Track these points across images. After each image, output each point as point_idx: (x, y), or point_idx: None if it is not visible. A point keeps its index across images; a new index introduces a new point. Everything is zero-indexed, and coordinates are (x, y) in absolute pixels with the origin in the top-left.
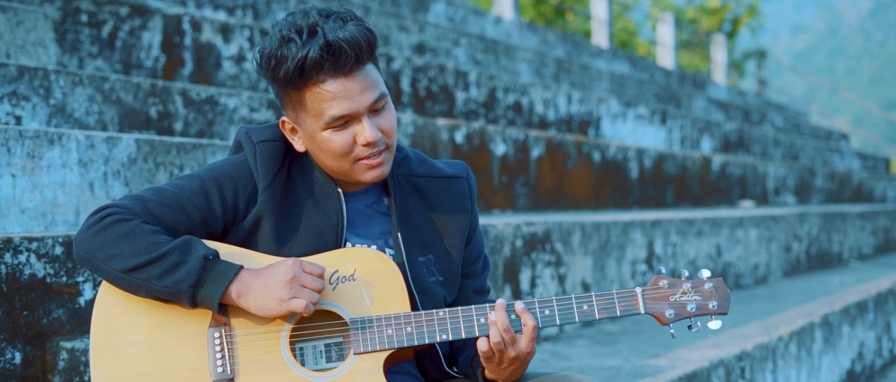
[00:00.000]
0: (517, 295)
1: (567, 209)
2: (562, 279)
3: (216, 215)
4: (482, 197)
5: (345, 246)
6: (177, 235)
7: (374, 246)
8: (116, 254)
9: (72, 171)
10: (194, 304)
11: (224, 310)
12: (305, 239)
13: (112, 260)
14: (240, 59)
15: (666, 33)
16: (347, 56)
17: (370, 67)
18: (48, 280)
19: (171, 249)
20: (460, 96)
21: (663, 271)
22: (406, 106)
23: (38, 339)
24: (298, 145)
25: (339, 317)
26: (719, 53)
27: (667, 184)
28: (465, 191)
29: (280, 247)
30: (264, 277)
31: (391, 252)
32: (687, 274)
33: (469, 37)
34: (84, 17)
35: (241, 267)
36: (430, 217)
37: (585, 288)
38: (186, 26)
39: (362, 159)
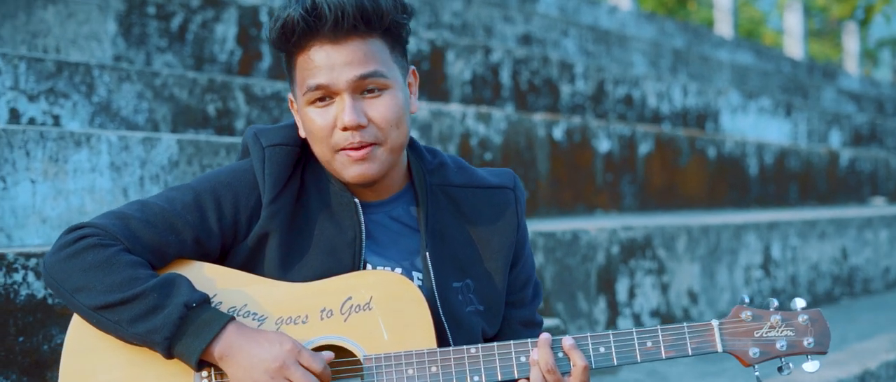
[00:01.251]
0: (613, 307)
1: (678, 209)
2: (664, 288)
3: (212, 234)
4: (583, 197)
5: (364, 267)
6: (165, 260)
7: (398, 269)
8: (86, 287)
9: (102, 176)
10: (170, 356)
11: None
12: (316, 259)
13: (80, 292)
14: None
15: (794, 22)
16: (326, 19)
17: (373, 42)
18: (50, 301)
19: (149, 289)
20: (565, 90)
21: (746, 300)
22: (506, 100)
23: (36, 368)
24: (301, 129)
25: (351, 354)
26: (851, 42)
27: (789, 181)
28: (510, 204)
29: (286, 270)
30: (253, 345)
31: (420, 275)
32: (776, 303)
33: (579, 27)
34: (151, 9)
35: (230, 320)
36: (469, 234)
37: (692, 297)
38: (264, 18)
39: (344, 149)
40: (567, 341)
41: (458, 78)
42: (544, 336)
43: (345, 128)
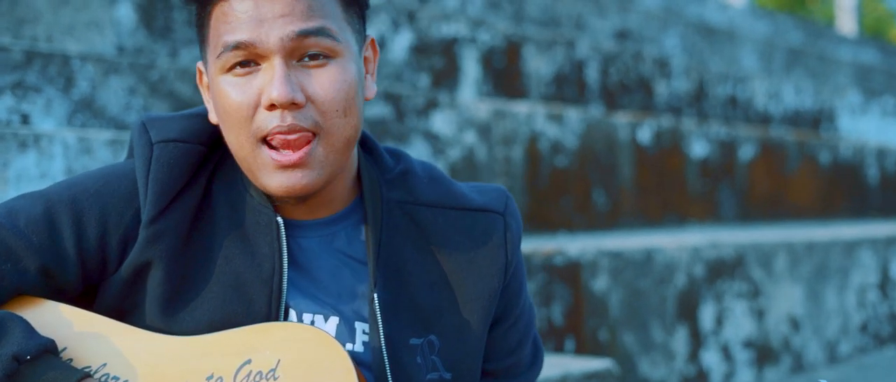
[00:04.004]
0: (696, 337)
1: (784, 220)
2: (760, 314)
3: (68, 262)
4: (673, 207)
5: (285, 313)
6: None
7: (334, 318)
8: None
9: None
10: None
11: None
12: (215, 299)
13: None
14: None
15: None
16: None
17: None
18: None
19: None
20: (660, 88)
21: None
22: (591, 99)
23: None
24: (211, 112)
25: None
26: None
27: None
28: (497, 234)
29: (170, 314)
30: None
31: (365, 326)
32: None
33: (684, 22)
34: None
35: (84, 377)
36: (439, 272)
37: (794, 324)
38: None
39: (268, 140)
40: None
41: (536, 75)
42: None
43: (272, 107)
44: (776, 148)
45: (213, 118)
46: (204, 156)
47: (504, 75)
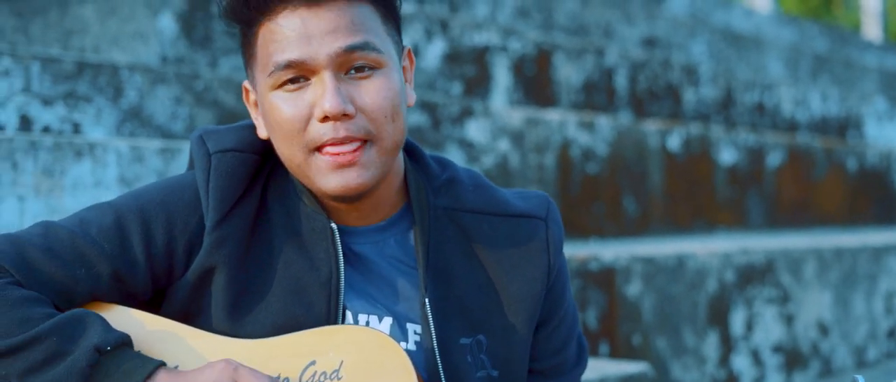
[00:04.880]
0: (726, 342)
1: (812, 227)
2: (790, 319)
3: (137, 268)
4: (702, 214)
5: (342, 315)
6: (72, 301)
7: (388, 319)
8: None
9: (109, 191)
10: None
11: None
12: (278, 303)
13: None
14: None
15: None
16: None
17: (361, 7)
18: None
19: (46, 332)
20: (688, 96)
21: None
22: (620, 107)
23: None
24: (260, 127)
25: None
26: None
27: None
28: (539, 239)
29: (236, 318)
30: None
31: (417, 328)
32: None
33: (710, 30)
34: (217, 8)
35: (160, 366)
36: (485, 275)
37: (823, 330)
38: None
39: (322, 148)
40: None
41: (566, 83)
42: None
43: (325, 119)
44: (803, 155)
45: (262, 134)
46: (258, 165)
47: (534, 83)
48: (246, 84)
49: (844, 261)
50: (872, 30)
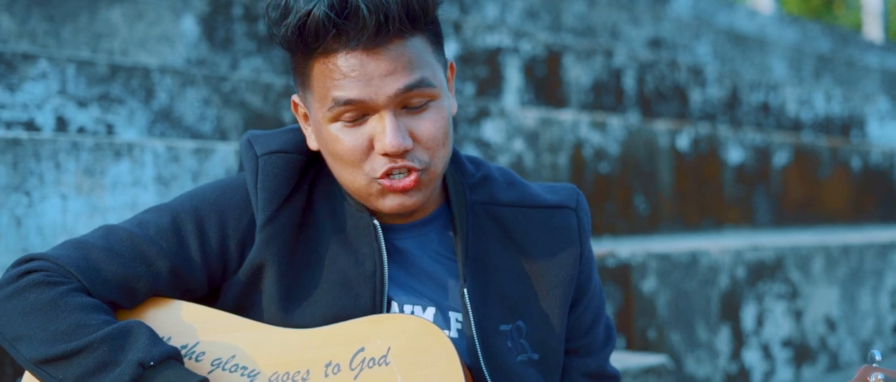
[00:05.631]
0: (738, 336)
1: (818, 224)
2: (798, 315)
3: (194, 264)
4: (710, 212)
5: (387, 305)
6: (135, 298)
7: (431, 308)
8: (25, 336)
9: (147, 190)
10: None
11: None
12: (326, 295)
13: (20, 342)
14: None
15: None
16: (365, 22)
17: (413, 42)
18: None
19: (98, 341)
20: (695, 96)
21: (877, 357)
22: (628, 107)
23: None
24: (310, 139)
25: None
26: None
27: None
28: (571, 228)
29: (288, 310)
30: None
31: (458, 316)
32: None
33: (714, 31)
34: (238, 11)
35: (202, 381)
36: (520, 264)
37: (830, 325)
38: None
39: (381, 177)
40: None
41: (576, 83)
42: None
43: (386, 154)
44: (809, 154)
45: (313, 145)
46: (304, 165)
47: (545, 84)
48: (296, 99)
49: (851, 258)
50: (873, 30)
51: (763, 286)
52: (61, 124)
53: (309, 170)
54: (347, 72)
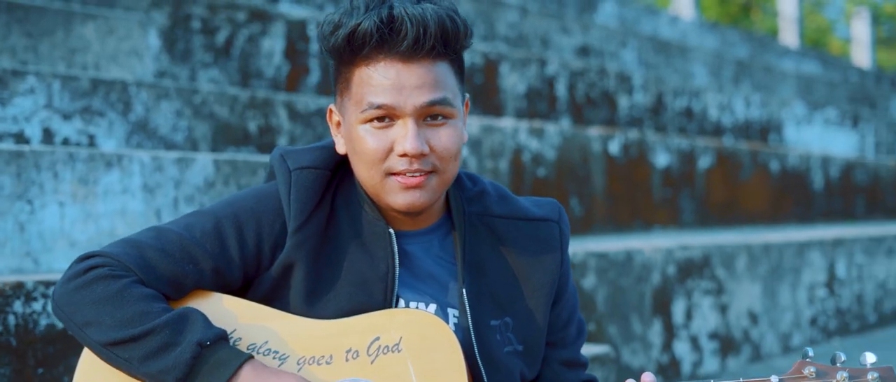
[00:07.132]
0: (669, 329)
1: (740, 225)
2: (723, 309)
3: (233, 263)
4: (641, 213)
5: (397, 302)
6: (182, 291)
7: (433, 305)
8: (95, 322)
9: (134, 197)
10: None
11: None
12: (345, 292)
13: (89, 327)
14: None
15: (861, 30)
16: (405, 35)
17: (443, 66)
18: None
19: (161, 326)
20: (623, 102)
21: (810, 353)
22: (561, 113)
23: None
24: (339, 144)
25: None
26: None
27: (856, 195)
28: (554, 238)
29: (312, 303)
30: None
31: (456, 311)
32: (843, 358)
33: (639, 38)
34: (196, 24)
35: (247, 359)
36: (509, 268)
37: (753, 318)
38: (312, 32)
39: (396, 174)
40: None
41: (512, 91)
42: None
43: (404, 155)
44: (731, 157)
45: (340, 149)
46: (328, 180)
47: (483, 91)
48: (332, 107)
49: (772, 256)
50: (789, 35)
51: (692, 282)
52: (48, 136)
53: (331, 182)
54: (383, 81)
